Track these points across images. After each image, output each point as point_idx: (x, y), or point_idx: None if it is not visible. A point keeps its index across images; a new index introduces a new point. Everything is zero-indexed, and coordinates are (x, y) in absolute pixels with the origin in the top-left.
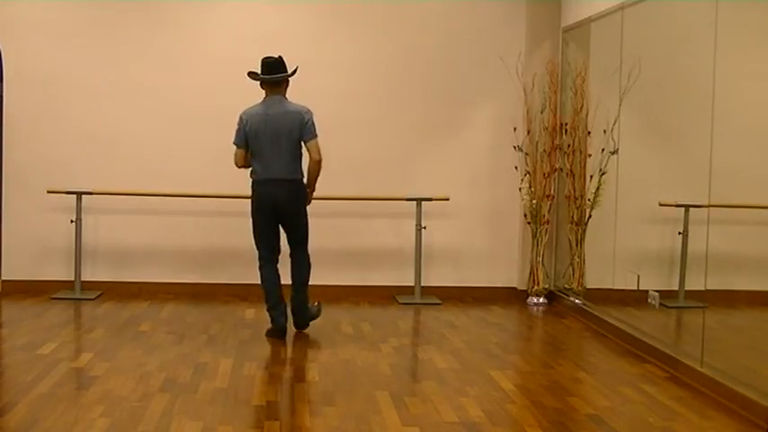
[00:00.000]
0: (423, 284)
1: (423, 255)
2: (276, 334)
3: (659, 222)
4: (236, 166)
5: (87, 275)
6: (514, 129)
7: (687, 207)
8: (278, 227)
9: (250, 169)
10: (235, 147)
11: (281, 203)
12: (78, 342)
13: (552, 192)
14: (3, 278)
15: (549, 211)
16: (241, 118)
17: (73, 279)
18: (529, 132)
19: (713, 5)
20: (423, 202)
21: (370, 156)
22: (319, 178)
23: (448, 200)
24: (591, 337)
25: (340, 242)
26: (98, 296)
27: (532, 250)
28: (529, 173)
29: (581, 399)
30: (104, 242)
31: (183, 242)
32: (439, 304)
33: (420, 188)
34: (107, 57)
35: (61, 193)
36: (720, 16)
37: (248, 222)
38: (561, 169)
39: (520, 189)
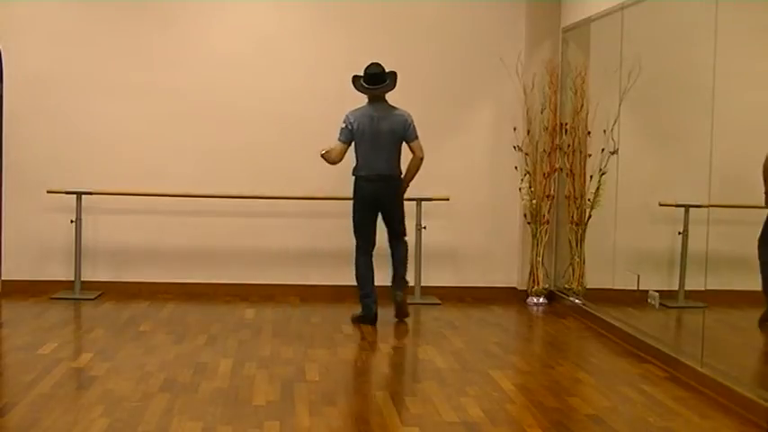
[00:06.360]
0: (422, 284)
1: (422, 255)
2: (368, 320)
3: (659, 222)
4: (334, 161)
5: (87, 275)
6: (514, 129)
7: (687, 207)
8: (376, 220)
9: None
10: (338, 143)
11: (382, 197)
12: (78, 342)
13: (552, 192)
14: (3, 278)
15: (548, 211)
16: (348, 117)
17: (73, 279)
18: (529, 132)
19: (713, 5)
20: (423, 202)
21: None
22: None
23: (448, 200)
24: (591, 337)
25: (340, 242)
26: (98, 296)
27: (532, 250)
28: (529, 173)
29: (581, 399)
30: (104, 242)
31: (182, 242)
32: (439, 304)
33: (420, 188)
34: (107, 57)
35: (61, 193)
36: (720, 16)
37: (248, 222)
38: (561, 169)
39: (520, 189)
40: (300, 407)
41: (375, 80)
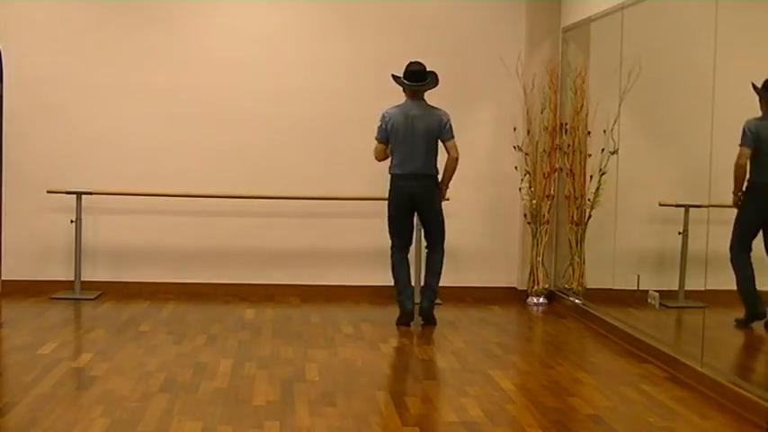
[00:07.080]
0: (422, 284)
1: (423, 255)
2: (404, 319)
3: (659, 222)
4: (377, 160)
5: (87, 275)
6: (514, 129)
7: (687, 207)
8: (412, 219)
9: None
10: (376, 142)
11: (417, 196)
12: (78, 342)
13: (552, 192)
14: (3, 278)
15: (548, 211)
16: (384, 116)
17: (73, 279)
18: (529, 132)
19: (713, 5)
20: None
21: (371, 155)
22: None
23: (448, 200)
24: (591, 337)
25: (341, 242)
26: (98, 296)
27: (532, 250)
28: (529, 173)
29: (581, 399)
30: (104, 242)
31: (183, 242)
32: (439, 304)
33: None
34: (107, 57)
35: (61, 193)
36: (720, 16)
37: (248, 222)
38: (561, 169)
39: (520, 189)
40: (300, 407)
41: (416, 78)
